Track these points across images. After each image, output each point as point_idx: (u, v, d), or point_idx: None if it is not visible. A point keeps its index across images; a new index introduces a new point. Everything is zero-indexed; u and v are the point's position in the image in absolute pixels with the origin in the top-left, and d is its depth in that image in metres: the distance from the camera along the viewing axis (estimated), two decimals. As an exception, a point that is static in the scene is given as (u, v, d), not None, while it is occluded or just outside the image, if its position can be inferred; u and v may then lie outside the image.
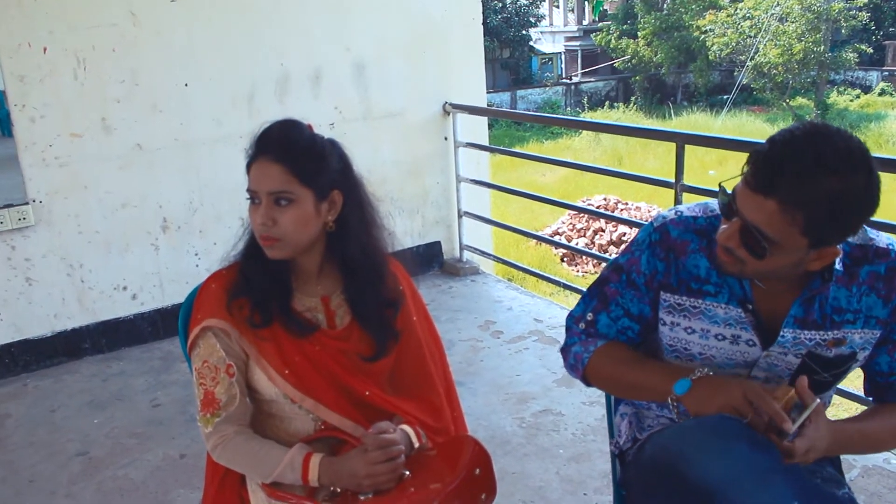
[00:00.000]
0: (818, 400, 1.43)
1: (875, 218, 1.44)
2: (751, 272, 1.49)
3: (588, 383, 1.75)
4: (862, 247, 1.54)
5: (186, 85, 4.20)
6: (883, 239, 1.55)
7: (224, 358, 1.64)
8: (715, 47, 27.50)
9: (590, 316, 1.73)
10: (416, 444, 1.67)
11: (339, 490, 1.60)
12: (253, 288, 1.66)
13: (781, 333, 1.55)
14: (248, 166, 1.63)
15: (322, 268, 1.75)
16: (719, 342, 1.60)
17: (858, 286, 1.53)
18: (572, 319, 1.77)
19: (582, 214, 12.94)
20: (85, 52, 3.89)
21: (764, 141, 1.42)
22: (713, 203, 1.60)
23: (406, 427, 1.68)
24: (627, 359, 1.68)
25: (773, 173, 1.35)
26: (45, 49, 3.78)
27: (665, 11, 29.89)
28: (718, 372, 1.58)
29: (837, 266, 1.51)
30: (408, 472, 1.61)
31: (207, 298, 1.68)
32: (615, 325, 1.71)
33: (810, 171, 1.33)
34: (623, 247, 1.73)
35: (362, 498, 1.56)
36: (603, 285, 1.72)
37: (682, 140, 3.63)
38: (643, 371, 1.64)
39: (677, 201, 3.59)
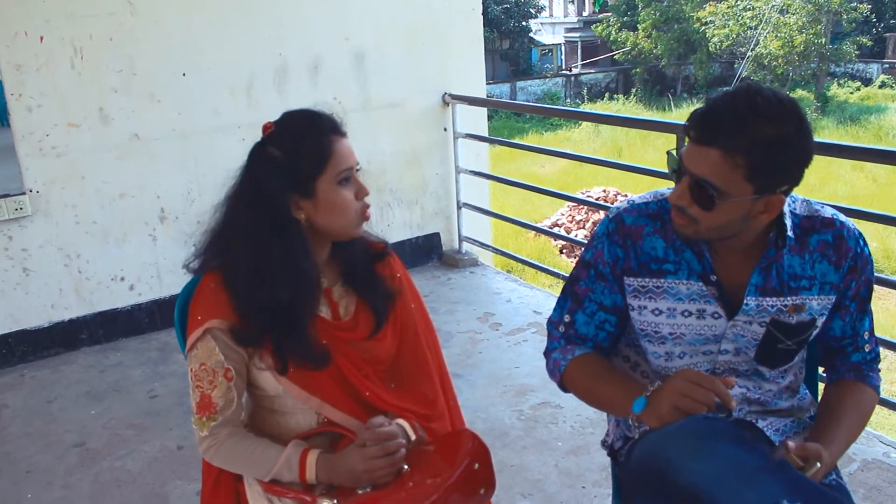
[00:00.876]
0: (818, 464, 1.46)
1: (876, 210, 1.50)
2: (705, 231, 1.53)
3: (565, 390, 1.80)
4: (809, 217, 1.63)
5: (184, 75, 4.17)
6: (828, 210, 1.65)
7: (222, 362, 1.60)
8: (715, 39, 27.42)
9: (567, 318, 1.77)
10: (413, 437, 1.65)
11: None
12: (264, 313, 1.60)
13: (745, 301, 1.61)
14: None
15: (327, 260, 1.73)
16: (686, 319, 1.65)
17: (810, 254, 1.61)
18: (552, 325, 1.81)
19: (581, 206, 12.93)
20: (82, 42, 3.86)
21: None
22: (663, 189, 1.70)
23: (402, 421, 1.66)
24: (597, 373, 1.71)
25: (713, 123, 1.45)
26: (41, 38, 3.76)
27: (665, 3, 29.77)
28: (690, 350, 1.67)
29: (789, 233, 1.58)
30: (406, 467, 1.59)
31: (206, 298, 1.62)
32: (592, 320, 1.74)
33: (746, 118, 1.42)
34: (585, 244, 1.79)
35: (360, 492, 1.55)
36: (573, 285, 1.77)
37: (682, 131, 3.60)
38: (609, 387, 1.67)
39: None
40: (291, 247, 1.60)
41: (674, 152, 1.55)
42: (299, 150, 1.59)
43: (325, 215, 1.61)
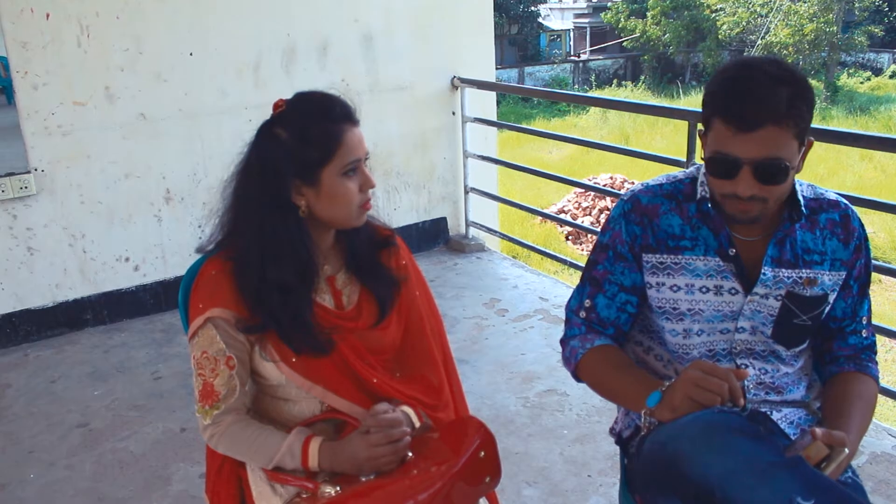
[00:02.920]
0: (846, 450, 1.45)
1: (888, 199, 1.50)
2: (773, 204, 1.56)
3: (578, 379, 1.80)
4: (816, 199, 1.70)
5: (191, 54, 4.14)
6: (831, 193, 1.73)
7: (224, 350, 1.57)
8: (725, 27, 27.27)
9: (587, 302, 1.77)
10: (417, 424, 1.63)
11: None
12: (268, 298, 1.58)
13: (763, 271, 1.64)
14: None
15: (331, 247, 1.70)
16: (704, 295, 1.67)
17: (821, 230, 1.68)
18: (571, 311, 1.81)
19: (588, 193, 12.88)
20: (88, 19, 3.83)
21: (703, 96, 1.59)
22: (674, 172, 1.77)
23: (406, 408, 1.64)
24: (614, 365, 1.71)
25: (754, 109, 1.47)
26: (47, 15, 3.72)
27: (675, -10, 29.64)
28: (708, 327, 1.68)
29: (803, 209, 1.64)
30: (410, 454, 1.57)
31: (207, 286, 1.60)
32: (613, 302, 1.75)
33: (777, 89, 1.47)
34: (600, 229, 1.81)
35: (364, 479, 1.53)
36: (591, 270, 1.78)
37: (694, 119, 3.57)
38: (625, 380, 1.67)
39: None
40: (289, 230, 1.58)
41: (724, 152, 1.51)
42: (307, 137, 1.55)
43: (325, 205, 1.58)
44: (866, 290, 1.76)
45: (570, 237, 12.47)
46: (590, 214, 12.58)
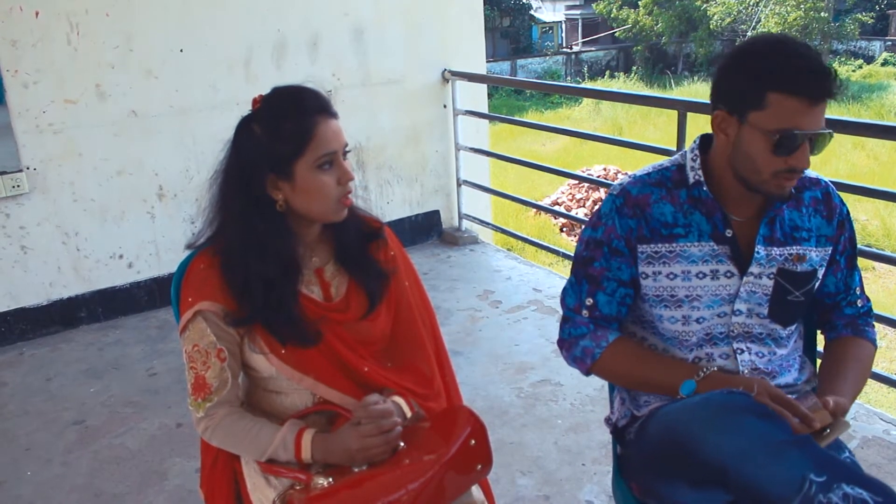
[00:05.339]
0: (850, 423, 1.51)
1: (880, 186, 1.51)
2: (800, 175, 1.61)
3: (588, 374, 1.81)
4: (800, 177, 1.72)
5: (182, 50, 4.14)
6: (811, 171, 1.73)
7: (215, 342, 1.58)
8: (716, 16, 27.25)
9: (589, 301, 1.77)
10: (409, 415, 1.64)
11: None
12: (254, 288, 1.59)
13: (756, 250, 1.68)
14: None
15: (319, 239, 1.71)
16: (701, 280, 1.69)
17: (806, 208, 1.73)
18: (571, 311, 1.80)
19: (582, 184, 12.87)
20: (78, 17, 3.83)
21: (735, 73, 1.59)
22: (660, 161, 1.78)
23: (397, 398, 1.65)
24: (636, 356, 1.75)
25: (825, 80, 1.50)
26: (36, 13, 3.72)
27: (667, -20, 29.61)
28: (707, 313, 1.70)
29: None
30: (402, 444, 1.58)
31: (196, 280, 1.61)
32: (614, 298, 1.75)
33: (822, 60, 1.53)
34: (588, 224, 1.80)
35: (356, 470, 1.54)
36: (587, 267, 1.77)
37: (684, 108, 3.58)
38: (652, 369, 1.72)
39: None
40: (268, 224, 1.59)
41: (794, 128, 1.52)
42: (279, 131, 1.55)
43: (302, 199, 1.58)
44: (853, 262, 1.81)
45: (564, 229, 12.47)
46: (584, 206, 12.58)
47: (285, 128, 1.55)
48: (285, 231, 1.61)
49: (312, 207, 1.60)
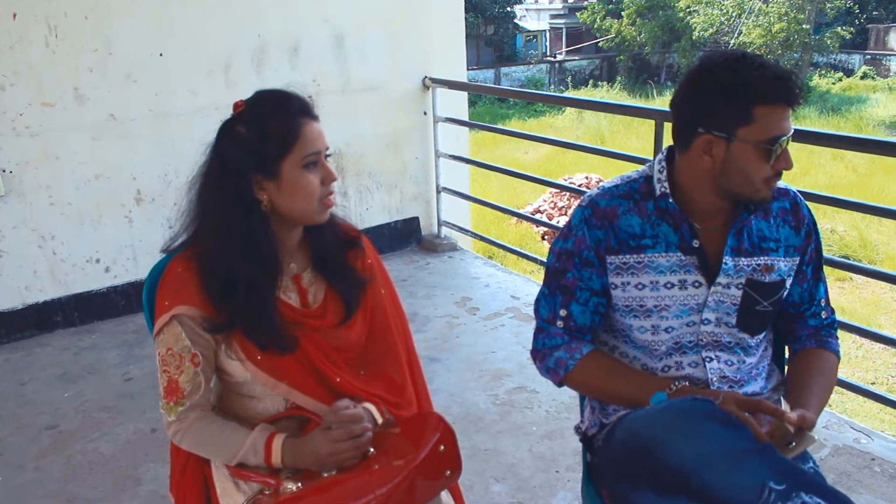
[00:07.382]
0: (816, 437, 1.53)
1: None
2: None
3: (561, 385, 1.83)
4: None
5: (161, 55, 4.13)
6: (781, 182, 1.74)
7: (189, 347, 1.58)
8: (699, 27, 27.45)
9: (563, 312, 1.78)
10: (380, 421, 1.65)
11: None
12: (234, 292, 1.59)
13: (724, 261, 1.69)
14: None
15: (298, 245, 1.72)
16: (669, 290, 1.70)
17: (774, 218, 1.74)
18: (546, 322, 1.82)
19: (564, 193, 12.94)
20: (56, 19, 3.81)
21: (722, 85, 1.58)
22: (629, 172, 1.79)
23: (368, 404, 1.65)
24: (609, 369, 1.77)
25: (793, 85, 1.55)
26: (14, 15, 3.70)
27: (650, -10, 29.79)
28: (675, 322, 1.71)
29: None
30: (372, 450, 1.59)
31: (173, 284, 1.61)
32: (587, 308, 1.77)
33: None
34: (559, 235, 1.82)
35: (325, 475, 1.54)
36: (560, 278, 1.79)
37: (660, 117, 3.61)
38: (623, 382, 1.74)
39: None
40: (252, 226, 1.59)
41: (781, 134, 1.57)
42: (265, 131, 1.56)
43: (287, 198, 1.59)
44: (820, 273, 1.83)
45: (545, 237, 12.52)
46: (566, 214, 12.63)
47: (272, 127, 1.57)
48: (270, 233, 1.62)
49: (296, 206, 1.60)
